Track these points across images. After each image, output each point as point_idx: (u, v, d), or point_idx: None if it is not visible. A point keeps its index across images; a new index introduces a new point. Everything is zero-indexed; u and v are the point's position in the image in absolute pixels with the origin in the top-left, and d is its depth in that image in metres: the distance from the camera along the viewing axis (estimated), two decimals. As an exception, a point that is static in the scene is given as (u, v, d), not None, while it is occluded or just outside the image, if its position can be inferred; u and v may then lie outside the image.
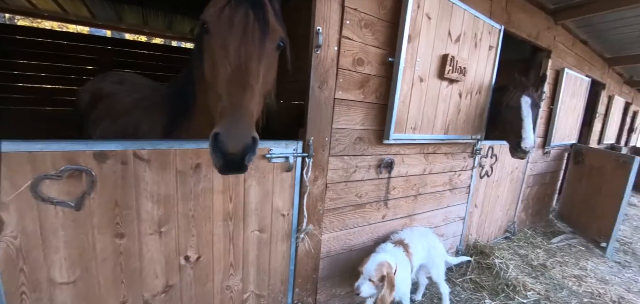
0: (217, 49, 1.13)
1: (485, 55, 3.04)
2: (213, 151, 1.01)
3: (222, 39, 1.13)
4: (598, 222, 4.37)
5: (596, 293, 3.22)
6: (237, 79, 1.07)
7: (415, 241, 2.53)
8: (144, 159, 1.49)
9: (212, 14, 1.15)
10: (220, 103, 1.07)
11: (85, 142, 1.35)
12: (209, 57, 1.18)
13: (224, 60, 1.10)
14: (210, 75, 1.18)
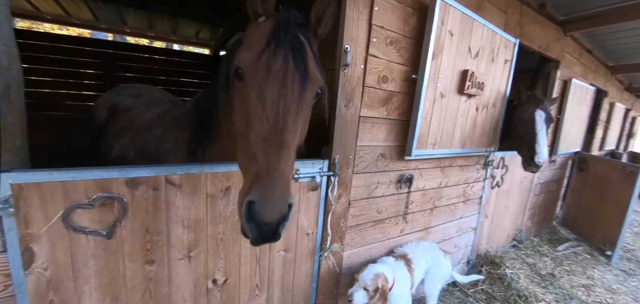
0: (253, 100, 1.00)
1: (501, 69, 3.04)
2: (246, 220, 0.90)
3: (259, 91, 0.99)
4: (603, 230, 4.43)
5: (604, 302, 3.25)
6: (275, 138, 0.94)
7: (419, 256, 2.49)
8: (175, 184, 1.45)
9: (248, 60, 1.02)
10: (253, 163, 0.93)
11: (119, 169, 1.30)
12: (242, 106, 1.03)
13: (260, 114, 0.97)
14: (241, 125, 1.02)
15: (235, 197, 1.64)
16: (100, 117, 2.43)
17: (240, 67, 1.04)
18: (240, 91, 1.07)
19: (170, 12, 4.98)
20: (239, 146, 1.05)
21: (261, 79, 1.00)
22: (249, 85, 1.02)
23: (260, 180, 0.89)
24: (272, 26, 1.06)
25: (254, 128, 0.98)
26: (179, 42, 7.19)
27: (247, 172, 0.98)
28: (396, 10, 2.08)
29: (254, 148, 0.95)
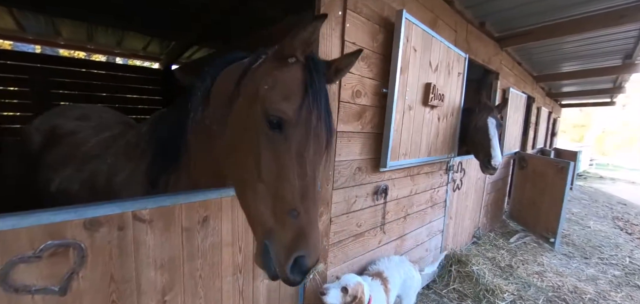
0: (292, 155, 0.97)
1: (456, 81, 3.31)
2: (291, 273, 0.91)
3: (299, 147, 0.97)
4: (544, 220, 5.00)
5: (556, 286, 3.64)
6: (313, 194, 0.96)
7: (394, 273, 2.44)
8: (145, 220, 1.27)
9: (290, 113, 0.96)
10: (290, 218, 0.92)
11: (74, 210, 1.09)
12: (277, 158, 0.97)
13: (299, 170, 0.96)
14: (272, 176, 0.97)
15: (214, 228, 1.50)
16: (34, 144, 2.06)
17: (281, 119, 0.97)
18: (275, 141, 0.99)
19: (116, 24, 4.55)
20: (261, 193, 0.98)
21: (302, 134, 0.98)
22: (290, 139, 0.98)
23: (305, 236, 0.91)
24: (303, 73, 1.02)
25: (291, 183, 0.95)
26: (124, 55, 6.60)
27: (282, 224, 0.93)
28: (365, 26, 2.14)
29: (292, 203, 0.93)
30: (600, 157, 28.70)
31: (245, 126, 1.05)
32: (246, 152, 1.03)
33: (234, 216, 1.57)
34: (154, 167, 1.51)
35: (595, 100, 10.42)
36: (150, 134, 1.61)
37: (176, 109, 1.50)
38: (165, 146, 1.47)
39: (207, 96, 1.30)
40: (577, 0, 3.19)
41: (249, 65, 1.15)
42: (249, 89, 1.08)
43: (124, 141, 1.82)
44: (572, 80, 7.26)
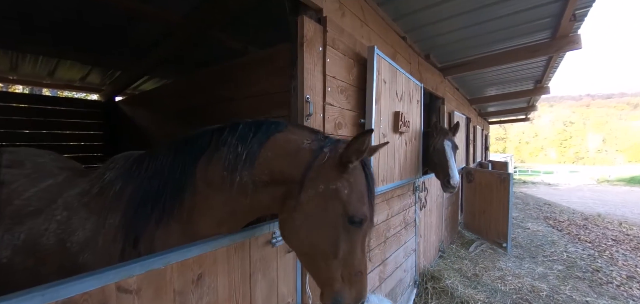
0: (361, 243, 1.23)
1: (416, 108, 3.61)
2: None
3: (365, 238, 1.26)
4: (495, 227, 5.55)
5: (517, 288, 4.00)
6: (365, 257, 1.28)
7: None
8: (131, 290, 1.05)
9: (368, 213, 1.22)
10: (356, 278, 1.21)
11: (40, 291, 0.86)
12: (353, 244, 1.21)
13: (363, 247, 1.26)
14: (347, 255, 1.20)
15: (210, 285, 1.32)
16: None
17: (361, 219, 1.18)
18: (352, 233, 1.20)
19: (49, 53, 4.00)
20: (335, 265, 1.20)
21: (370, 224, 1.26)
22: (364, 230, 1.24)
23: (365, 287, 1.24)
24: (363, 175, 1.24)
25: (360, 257, 1.23)
26: (55, 86, 5.77)
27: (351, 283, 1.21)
28: (342, 61, 2.24)
29: (358, 267, 1.22)
30: (520, 165, 33.64)
31: (323, 219, 1.19)
32: (323, 238, 1.19)
33: (229, 268, 1.40)
34: (136, 220, 1.29)
35: (514, 117, 12.32)
36: (123, 181, 1.38)
37: (172, 152, 1.34)
38: (156, 194, 1.28)
39: (253, 160, 1.26)
40: (503, 37, 3.82)
41: (314, 158, 1.22)
42: (321, 186, 1.19)
43: (77, 190, 1.52)
44: (496, 102, 8.51)
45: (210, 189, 1.28)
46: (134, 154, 1.57)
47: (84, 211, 1.44)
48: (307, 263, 1.29)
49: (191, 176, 1.28)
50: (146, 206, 1.31)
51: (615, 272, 4.71)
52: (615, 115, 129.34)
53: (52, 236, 1.41)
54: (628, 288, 4.16)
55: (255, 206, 1.33)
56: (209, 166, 1.27)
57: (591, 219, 8.56)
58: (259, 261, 1.56)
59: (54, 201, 1.53)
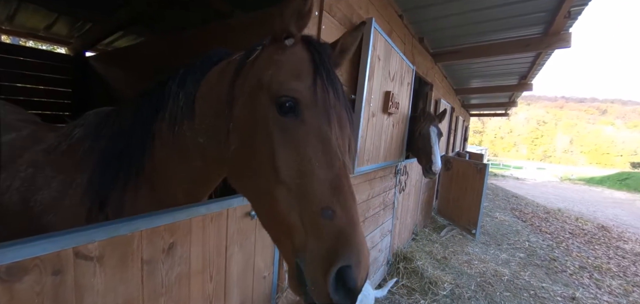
0: (316, 142, 0.80)
1: (406, 90, 3.56)
2: (336, 291, 0.68)
3: (321, 131, 0.81)
4: (467, 214, 5.80)
5: (482, 271, 4.24)
6: (347, 186, 0.78)
7: None
8: (92, 256, 0.96)
9: (305, 93, 0.82)
10: (325, 219, 0.71)
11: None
12: (297, 149, 0.80)
13: (327, 158, 0.78)
14: (293, 173, 0.78)
15: (182, 256, 1.24)
16: None
17: (294, 99, 0.81)
18: (290, 129, 0.82)
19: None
20: (284, 198, 0.78)
21: (321, 115, 0.82)
22: (308, 122, 0.81)
23: (348, 238, 0.69)
24: (308, 53, 0.89)
25: (318, 175, 0.76)
26: (15, 34, 5.19)
27: (315, 230, 0.72)
28: (338, 30, 2.10)
29: (324, 199, 0.73)
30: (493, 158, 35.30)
31: (252, 126, 0.88)
32: (258, 155, 0.85)
33: (204, 239, 1.33)
34: (102, 182, 1.17)
35: (493, 111, 12.68)
36: (92, 139, 1.25)
37: (132, 110, 1.20)
38: (120, 156, 1.15)
39: (191, 105, 1.07)
40: (497, 28, 3.79)
41: (243, 61, 0.98)
42: (248, 85, 0.92)
43: (42, 145, 1.37)
44: (480, 94, 8.66)
45: (164, 148, 1.15)
46: (105, 110, 1.42)
47: (50, 169, 1.30)
48: (257, 211, 0.93)
49: (149, 136, 1.16)
50: (111, 168, 1.19)
51: (569, 262, 5.11)
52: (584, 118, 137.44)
53: (15, 193, 1.28)
54: (579, 277, 4.53)
55: (213, 165, 1.12)
56: (162, 122, 1.14)
57: (552, 213, 9.19)
58: (236, 233, 1.50)
59: (19, 156, 1.38)
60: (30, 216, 1.21)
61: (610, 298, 3.99)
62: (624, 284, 4.44)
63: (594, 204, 13.11)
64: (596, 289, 4.21)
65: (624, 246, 6.50)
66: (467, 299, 3.51)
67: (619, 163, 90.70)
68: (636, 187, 20.87)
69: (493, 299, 3.55)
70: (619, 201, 14.73)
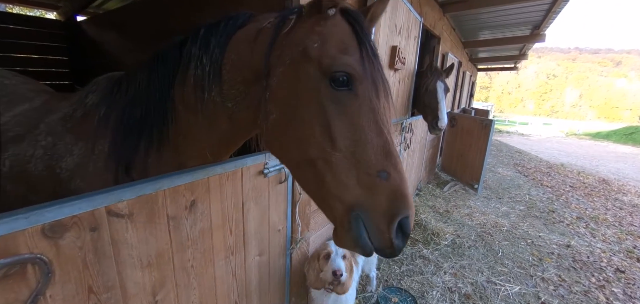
0: (367, 112, 0.85)
1: (413, 44, 3.45)
2: (396, 237, 0.79)
3: (372, 101, 0.86)
4: (470, 170, 5.89)
5: (482, 223, 4.42)
6: (394, 149, 0.86)
7: None
8: (123, 214, 1.03)
9: (356, 65, 0.85)
10: (380, 180, 0.80)
11: (24, 214, 0.81)
12: (351, 120, 0.85)
13: (378, 128, 0.85)
14: (350, 142, 0.84)
15: (203, 212, 1.32)
16: None
17: (348, 74, 0.85)
18: (344, 102, 0.86)
19: None
20: (340, 164, 0.84)
21: (371, 87, 0.87)
22: (360, 95, 0.86)
23: (404, 195, 0.80)
24: (349, 25, 0.91)
25: (373, 142, 0.84)
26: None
27: (374, 190, 0.81)
28: (344, -17, 2.00)
29: (379, 163, 0.82)
30: (499, 115, 34.74)
31: (296, 97, 0.90)
32: (308, 126, 0.87)
33: (222, 196, 1.41)
34: (124, 149, 1.21)
35: (502, 65, 12.25)
36: (107, 105, 1.27)
37: (147, 75, 1.20)
38: (140, 122, 1.18)
39: (218, 70, 1.06)
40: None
41: (276, 30, 0.97)
42: (288, 56, 0.92)
43: (59, 114, 1.40)
44: (489, 47, 8.31)
45: (189, 113, 1.16)
46: (116, 75, 1.42)
47: (69, 137, 1.34)
48: (302, 176, 0.96)
49: (170, 101, 1.17)
50: (133, 135, 1.22)
51: (567, 213, 5.28)
52: (597, 71, 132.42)
53: (39, 162, 1.33)
54: (576, 227, 4.72)
55: (240, 128, 1.15)
56: (184, 87, 1.14)
57: (554, 168, 9.28)
58: (252, 190, 1.57)
59: (35, 126, 1.42)
60: (59, 182, 1.27)
61: (604, 245, 4.19)
62: (618, 233, 4.63)
63: (598, 158, 13.14)
64: (591, 237, 4.40)
65: (623, 198, 6.65)
66: (467, 248, 3.71)
67: (628, 117, 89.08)
68: (642, 140, 20.73)
69: (492, 248, 3.75)
70: (623, 155, 14.73)
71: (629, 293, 3.13)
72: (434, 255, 3.49)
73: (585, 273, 3.42)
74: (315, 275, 1.94)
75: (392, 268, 3.23)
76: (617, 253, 4.00)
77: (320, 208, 0.93)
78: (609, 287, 3.20)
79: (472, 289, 2.95)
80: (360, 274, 2.52)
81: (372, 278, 2.78)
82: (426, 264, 3.32)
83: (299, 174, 0.96)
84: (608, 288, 3.18)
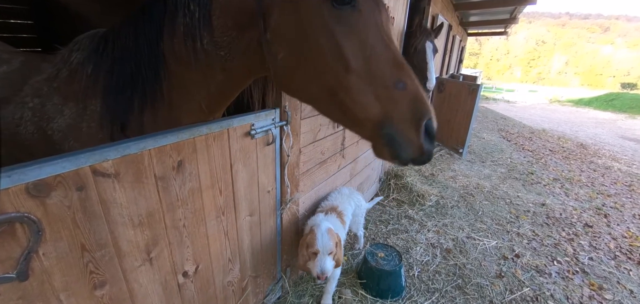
0: (374, 26, 0.86)
1: (402, 4, 3.35)
2: (425, 141, 0.82)
3: (375, 15, 0.87)
4: (456, 135, 6.02)
5: (465, 185, 4.62)
6: (402, 59, 0.88)
7: (346, 205, 2.51)
8: (108, 174, 1.02)
9: None
10: (397, 91, 0.83)
11: (6, 172, 0.80)
12: (359, 37, 0.85)
13: (385, 40, 0.87)
14: (362, 60, 0.85)
15: (191, 172, 1.33)
16: None
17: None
18: (349, 20, 0.85)
19: None
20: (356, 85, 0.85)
21: (372, 3, 0.88)
22: (365, 11, 0.86)
23: (422, 99, 0.83)
24: None
25: (385, 55, 0.86)
26: None
27: (395, 101, 0.83)
28: None
29: (394, 74, 0.84)
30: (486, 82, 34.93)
31: (301, 29, 0.89)
32: (319, 54, 0.87)
33: (209, 157, 1.41)
34: (117, 107, 1.17)
35: (492, 30, 12.11)
36: (94, 63, 1.20)
37: (132, 29, 1.13)
38: (131, 79, 1.13)
39: (208, 18, 1.02)
40: None
41: None
42: None
43: (41, 75, 1.33)
44: (480, 9, 8.15)
45: (181, 65, 1.13)
46: (99, 32, 1.33)
47: (57, 97, 1.29)
48: (323, 107, 0.97)
49: (160, 55, 1.12)
50: (125, 93, 1.18)
51: (545, 175, 5.57)
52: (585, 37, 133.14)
53: (29, 124, 1.29)
54: (552, 187, 5.00)
55: (235, 77, 1.15)
56: (173, 39, 1.09)
57: (536, 133, 9.60)
58: (239, 152, 1.57)
59: (19, 88, 1.34)
60: (51, 143, 1.24)
61: (575, 203, 4.48)
62: (590, 193, 4.94)
63: (578, 124, 13.61)
64: (565, 196, 4.69)
65: (597, 161, 7.01)
66: (450, 208, 3.90)
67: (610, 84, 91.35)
68: (621, 107, 21.46)
69: (473, 207, 3.96)
70: (602, 121, 15.29)
71: (594, 245, 3.41)
72: (419, 215, 3.66)
73: (557, 228, 3.69)
74: (304, 262, 1.96)
75: (379, 227, 3.39)
76: (587, 210, 4.29)
77: (352, 131, 0.96)
78: (577, 240, 3.48)
79: (453, 245, 3.15)
80: (347, 232, 2.63)
81: (360, 236, 2.92)
82: (411, 223, 3.49)
83: (321, 107, 0.98)
84: (576, 241, 3.46)
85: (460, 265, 2.85)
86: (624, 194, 5.06)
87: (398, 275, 2.45)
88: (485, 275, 2.75)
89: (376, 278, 2.43)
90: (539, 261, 3.01)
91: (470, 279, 2.68)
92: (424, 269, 2.78)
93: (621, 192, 5.16)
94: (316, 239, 1.91)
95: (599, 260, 3.15)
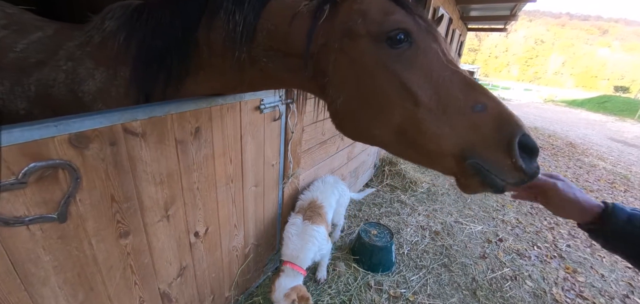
0: (435, 56, 0.84)
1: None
2: (526, 163, 0.74)
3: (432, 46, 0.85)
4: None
5: (456, 175, 4.80)
6: (472, 78, 0.86)
7: (329, 195, 2.46)
8: (137, 133, 1.13)
9: (405, 19, 0.83)
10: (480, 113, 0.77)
11: (54, 122, 0.90)
12: (423, 70, 0.83)
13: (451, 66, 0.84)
14: (431, 92, 0.81)
15: (206, 139, 1.44)
16: None
17: (404, 29, 0.82)
18: (409, 55, 0.84)
19: None
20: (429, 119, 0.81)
21: (425, 33, 0.85)
22: (421, 43, 0.84)
23: (508, 116, 0.76)
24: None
25: (453, 82, 0.81)
26: None
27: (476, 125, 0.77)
28: None
29: (470, 99, 0.78)
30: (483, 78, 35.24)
31: (363, 74, 0.87)
32: (384, 92, 0.85)
33: (223, 125, 1.51)
34: (145, 80, 1.23)
35: (492, 26, 12.17)
36: (127, 32, 1.26)
37: (169, 11, 1.17)
38: (161, 56, 1.18)
39: (252, 33, 1.03)
40: None
41: (314, 21, 0.93)
42: (336, 42, 0.90)
43: (74, 42, 1.39)
44: (480, 4, 8.20)
45: (214, 57, 1.15)
46: (132, 4, 1.37)
47: (89, 61, 1.34)
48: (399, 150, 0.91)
49: (194, 42, 1.15)
50: (152, 67, 1.24)
51: (532, 170, 5.78)
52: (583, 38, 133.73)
53: (62, 86, 1.34)
54: (537, 182, 5.22)
55: (273, 81, 1.15)
56: (211, 32, 1.11)
57: (528, 130, 9.82)
58: (249, 125, 1.68)
59: (54, 52, 1.40)
60: (82, 105, 1.31)
61: (559, 197, 4.71)
62: (574, 188, 5.18)
63: (569, 124, 13.94)
64: (550, 190, 4.91)
65: (584, 159, 7.27)
66: (440, 195, 4.09)
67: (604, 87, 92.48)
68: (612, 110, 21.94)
69: (462, 195, 4.15)
70: (593, 123, 15.66)
71: (572, 233, 3.64)
72: (411, 200, 3.84)
73: (540, 217, 3.91)
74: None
75: (372, 210, 3.55)
76: (569, 203, 4.52)
77: (435, 170, 0.88)
78: (557, 229, 3.70)
79: (441, 227, 3.33)
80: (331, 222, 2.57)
81: (338, 226, 2.87)
82: (403, 207, 3.67)
83: (394, 149, 0.92)
84: (556, 230, 3.68)
85: (447, 246, 3.04)
86: (606, 190, 5.32)
87: (389, 251, 2.62)
88: (469, 256, 2.94)
89: (368, 253, 2.60)
90: (520, 246, 3.22)
91: (456, 258, 2.87)
92: (413, 248, 2.96)
93: (603, 188, 5.41)
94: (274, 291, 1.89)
95: (576, 247, 3.38)
